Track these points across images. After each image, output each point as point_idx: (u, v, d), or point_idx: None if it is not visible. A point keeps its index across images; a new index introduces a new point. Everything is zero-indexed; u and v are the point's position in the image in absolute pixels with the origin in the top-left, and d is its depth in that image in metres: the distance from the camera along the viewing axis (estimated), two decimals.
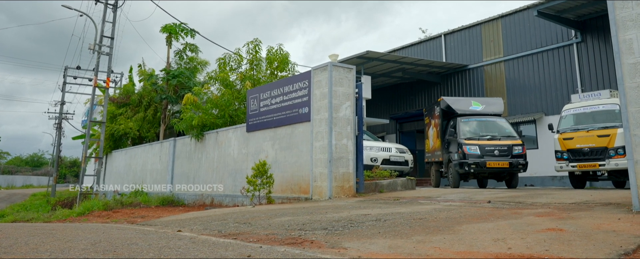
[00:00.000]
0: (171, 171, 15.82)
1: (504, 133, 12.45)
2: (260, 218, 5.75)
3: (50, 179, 37.56)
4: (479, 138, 12.10)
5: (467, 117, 12.93)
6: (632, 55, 4.64)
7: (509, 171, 11.94)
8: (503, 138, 12.16)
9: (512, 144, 11.93)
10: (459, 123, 12.62)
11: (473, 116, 13.05)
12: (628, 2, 4.73)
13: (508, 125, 12.97)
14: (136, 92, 23.45)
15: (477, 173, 12.20)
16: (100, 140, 17.91)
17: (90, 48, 17.85)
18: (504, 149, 11.84)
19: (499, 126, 12.78)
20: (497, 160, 11.67)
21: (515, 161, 11.70)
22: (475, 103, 13.46)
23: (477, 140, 12.04)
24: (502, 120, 13.14)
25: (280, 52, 15.63)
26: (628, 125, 4.59)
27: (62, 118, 37.09)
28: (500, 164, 11.66)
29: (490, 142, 11.98)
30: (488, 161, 11.59)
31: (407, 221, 4.54)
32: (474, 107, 13.29)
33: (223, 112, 14.49)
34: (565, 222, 3.90)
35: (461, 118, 12.80)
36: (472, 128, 12.59)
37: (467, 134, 12.35)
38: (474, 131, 12.49)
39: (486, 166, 11.59)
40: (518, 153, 11.87)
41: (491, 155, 11.74)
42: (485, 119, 12.98)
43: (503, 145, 11.90)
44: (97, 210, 11.53)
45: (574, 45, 17.54)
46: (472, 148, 11.81)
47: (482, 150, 11.79)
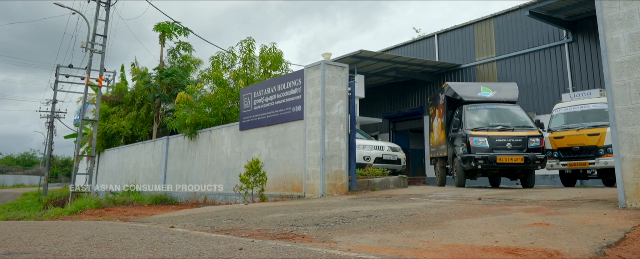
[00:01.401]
0: (164, 170, 15.81)
1: (518, 123, 10.84)
2: (253, 215, 5.79)
3: (42, 178, 37.36)
4: (488, 129, 10.52)
5: (475, 105, 11.40)
6: (619, 54, 4.72)
7: (524, 167, 10.28)
8: (517, 129, 10.52)
9: (528, 135, 10.25)
10: (464, 111, 11.14)
11: (482, 103, 11.48)
12: (615, 2, 4.81)
13: (523, 113, 11.23)
14: (129, 91, 23.38)
15: (485, 170, 10.80)
16: (92, 138, 17.85)
17: (83, 47, 17.79)
18: (518, 141, 10.18)
19: (513, 114, 11.15)
20: (510, 154, 10.07)
21: (531, 156, 10.01)
22: (485, 89, 11.91)
23: (485, 131, 10.46)
24: (516, 107, 11.42)
25: (274, 51, 15.67)
26: (614, 123, 4.68)
27: (54, 117, 36.90)
28: (514, 159, 10.03)
29: (502, 133, 10.35)
30: (498, 156, 10.00)
31: (397, 217, 4.60)
32: (484, 94, 11.76)
33: (216, 111, 14.50)
34: (553, 217, 3.98)
35: (468, 106, 11.31)
36: (481, 117, 11.09)
37: (474, 124, 10.81)
38: (483, 121, 10.96)
39: (496, 162, 10.00)
40: (535, 146, 10.20)
41: (502, 149, 10.15)
42: (496, 107, 11.33)
43: (517, 137, 10.22)
44: (90, 209, 11.52)
45: (565, 45, 17.70)
46: (480, 141, 10.23)
47: (492, 142, 10.19)
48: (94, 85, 18.38)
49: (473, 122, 10.87)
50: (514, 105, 11.46)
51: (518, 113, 11.20)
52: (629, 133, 4.56)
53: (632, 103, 4.57)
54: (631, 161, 4.51)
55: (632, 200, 4.48)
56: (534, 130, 10.49)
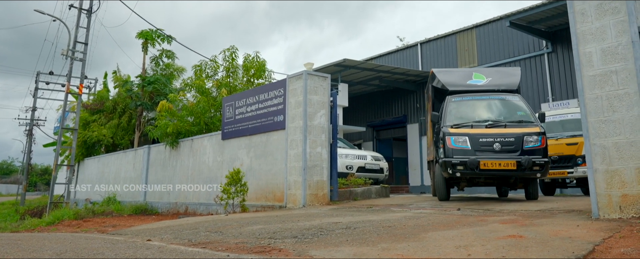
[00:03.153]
0: (145, 179, 15.63)
1: (513, 117, 8.37)
2: (232, 227, 5.74)
3: (20, 187, 36.65)
4: (472, 126, 8.12)
5: (461, 95, 9.10)
6: (592, 67, 4.82)
7: (518, 175, 7.83)
8: (511, 125, 8.03)
9: (523, 133, 7.73)
10: (446, 104, 8.94)
11: (471, 93, 9.18)
12: (588, 16, 4.92)
13: (523, 104, 8.70)
14: (110, 99, 23.13)
15: (468, 179, 8.58)
16: (72, 147, 17.58)
17: (63, 54, 17.57)
18: (510, 141, 7.68)
19: (508, 106, 8.71)
20: (498, 158, 7.59)
21: (526, 160, 7.41)
22: (477, 76, 9.66)
23: (468, 129, 8.07)
24: (514, 97, 8.89)
25: (257, 60, 15.66)
26: (588, 135, 4.76)
27: (33, 124, 36.31)
28: (503, 164, 7.52)
29: (489, 131, 7.92)
30: (482, 161, 7.53)
31: (376, 229, 4.60)
32: (475, 81, 9.52)
33: (198, 120, 14.42)
34: (527, 229, 4.02)
35: (452, 97, 9.04)
36: (465, 110, 8.75)
37: (454, 119, 8.47)
38: (467, 115, 8.60)
39: (479, 168, 7.53)
40: (533, 147, 7.66)
41: (488, 151, 7.69)
42: (487, 97, 8.95)
43: (508, 135, 7.74)
44: (68, 219, 11.30)
45: (544, 55, 18.02)
46: (459, 141, 7.88)
47: (474, 142, 7.78)
48: (74, 92, 18.14)
49: (454, 116, 8.56)
50: (512, 95, 8.95)
51: (516, 104, 8.72)
52: (602, 145, 4.64)
53: (605, 116, 4.66)
54: (604, 172, 4.60)
55: (604, 211, 4.56)
56: (533, 126, 7.95)
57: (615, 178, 4.54)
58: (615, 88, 4.64)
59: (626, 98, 4.56)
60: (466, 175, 7.96)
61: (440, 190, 8.75)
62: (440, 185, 8.72)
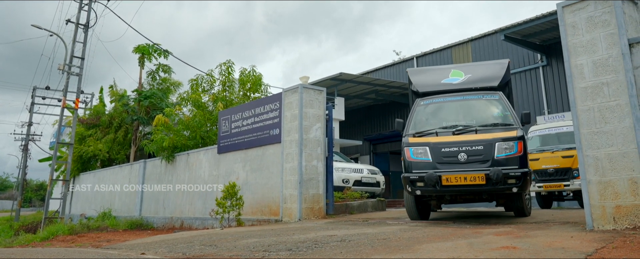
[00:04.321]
0: (141, 194, 15.55)
1: (487, 120, 7.13)
2: (227, 240, 5.71)
3: (15, 203, 36.38)
4: (437, 133, 6.93)
5: (431, 97, 7.78)
6: (583, 79, 4.87)
7: (488, 190, 6.44)
8: (483, 129, 6.77)
9: (495, 139, 6.47)
10: (413, 108, 7.73)
11: (444, 94, 7.80)
12: (579, 29, 4.98)
13: (502, 103, 7.26)
14: (107, 113, 23.10)
15: (431, 197, 7.28)
16: (67, 162, 17.51)
17: (60, 69, 17.60)
18: (478, 149, 6.44)
19: (484, 107, 7.39)
20: (463, 170, 6.35)
21: (495, 173, 6.10)
22: (455, 73, 8.22)
23: (432, 136, 6.90)
24: (493, 95, 7.43)
25: (253, 74, 15.71)
26: (581, 147, 4.79)
27: (29, 139, 36.18)
28: (469, 178, 6.26)
29: (453, 139, 6.71)
30: (444, 175, 6.36)
31: (370, 242, 4.59)
32: (450, 80, 8.09)
33: (194, 134, 14.41)
34: (521, 240, 4.02)
35: (421, 100, 7.77)
36: (432, 114, 7.55)
37: (418, 126, 7.30)
38: (434, 120, 7.41)
39: (441, 184, 6.38)
40: (506, 155, 6.36)
41: (452, 163, 6.49)
42: (461, 98, 7.57)
43: (476, 142, 6.50)
44: (62, 234, 11.22)
45: (540, 68, 18.17)
46: (418, 152, 6.77)
47: (436, 153, 6.63)
48: (70, 107, 18.13)
49: (418, 123, 7.39)
50: (492, 93, 7.49)
51: (493, 103, 7.35)
52: (594, 156, 4.67)
53: (597, 127, 4.69)
54: (597, 184, 4.61)
55: (598, 222, 4.56)
56: (509, 130, 6.67)
57: (608, 190, 4.55)
58: (607, 100, 4.68)
59: (618, 110, 4.60)
60: (427, 193, 6.77)
61: (409, 209, 7.51)
62: (410, 203, 7.45)
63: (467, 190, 6.49)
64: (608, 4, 4.79)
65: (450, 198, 7.32)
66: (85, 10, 18.25)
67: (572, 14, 5.06)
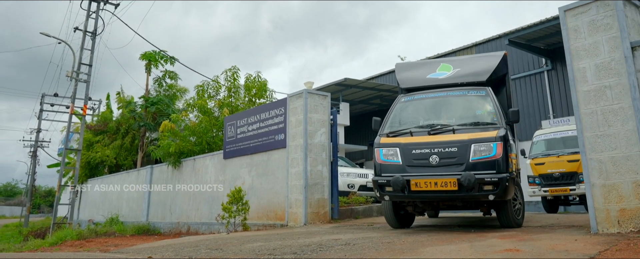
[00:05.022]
0: (147, 200, 15.64)
1: (468, 118, 6.49)
2: (233, 244, 5.76)
3: (24, 209, 36.64)
4: (411, 132, 6.36)
5: (413, 94, 7.20)
6: (586, 83, 4.89)
7: (462, 197, 5.82)
8: (462, 129, 6.18)
9: (470, 140, 5.86)
10: (393, 105, 7.20)
11: (427, 90, 7.19)
12: (581, 33, 5.01)
13: (488, 100, 6.56)
14: (114, 119, 23.30)
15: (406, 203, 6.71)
16: (75, 168, 17.65)
17: (68, 76, 17.77)
18: (451, 151, 5.87)
19: (467, 103, 6.76)
20: (434, 175, 5.84)
21: (467, 178, 5.51)
22: (444, 67, 7.55)
23: (405, 136, 6.35)
24: (479, 91, 6.74)
25: (259, 80, 15.81)
26: (584, 150, 4.81)
27: (37, 146, 36.47)
28: (440, 184, 5.72)
29: (426, 139, 6.15)
30: (414, 179, 5.87)
31: (375, 245, 4.62)
32: (437, 74, 7.45)
33: (200, 139, 14.50)
34: (525, 243, 4.04)
35: (402, 97, 7.24)
36: (411, 112, 6.99)
37: (394, 125, 6.81)
38: (412, 118, 6.87)
39: (411, 190, 5.90)
40: (482, 158, 5.73)
41: (423, 166, 5.97)
42: (444, 94, 6.96)
43: (450, 144, 5.93)
44: (71, 240, 11.31)
45: (544, 72, 18.14)
46: (388, 154, 6.28)
47: (406, 155, 6.10)
48: (78, 114, 18.29)
49: (395, 121, 6.88)
50: (479, 88, 6.80)
51: (478, 100, 6.70)
52: (598, 159, 4.68)
53: (600, 130, 4.71)
54: (601, 187, 4.62)
55: (603, 226, 4.57)
56: (490, 130, 5.99)
57: (612, 193, 4.56)
58: (610, 103, 4.69)
59: (621, 113, 4.61)
60: (396, 199, 6.32)
61: (387, 216, 6.91)
62: (387, 210, 6.83)
63: (439, 197, 5.93)
64: (610, 8, 4.82)
65: (422, 204, 6.63)
66: (93, 18, 18.45)
67: (574, 17, 5.10)
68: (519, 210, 6.34)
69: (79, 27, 18.63)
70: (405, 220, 7.04)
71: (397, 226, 6.84)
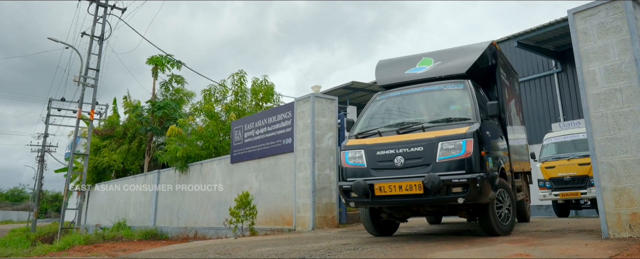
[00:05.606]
0: (155, 204, 15.68)
1: (441, 115, 5.96)
2: (241, 249, 5.75)
3: (31, 214, 36.84)
4: (379, 132, 5.89)
5: (389, 92, 6.71)
6: (596, 86, 4.84)
7: (429, 201, 5.29)
8: (432, 126, 5.61)
9: (438, 138, 5.31)
10: (367, 104, 6.72)
11: (403, 87, 6.67)
12: (590, 36, 4.97)
13: (466, 93, 5.94)
14: (121, 124, 23.43)
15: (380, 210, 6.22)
16: (83, 173, 17.74)
17: (75, 81, 17.87)
18: (417, 151, 5.35)
19: (443, 99, 6.21)
20: (399, 177, 5.34)
21: (431, 180, 5.00)
22: (425, 61, 6.93)
23: (374, 137, 5.89)
24: (457, 85, 6.15)
25: (265, 83, 15.83)
26: (594, 154, 4.75)
27: (44, 151, 36.69)
28: (405, 187, 5.22)
29: (391, 139, 5.65)
30: (378, 183, 5.41)
31: (383, 250, 4.59)
32: (416, 70, 6.89)
33: (207, 144, 14.53)
34: (535, 248, 4.00)
35: (377, 95, 6.78)
36: (385, 111, 6.50)
37: (364, 125, 6.29)
38: (384, 117, 6.38)
39: (375, 195, 5.43)
40: (450, 157, 5.19)
41: (388, 168, 5.48)
42: (420, 89, 6.41)
43: (416, 143, 5.40)
44: (78, 245, 11.36)
45: (554, 74, 18.01)
46: (354, 157, 5.82)
47: (371, 157, 5.65)
48: (85, 118, 18.40)
49: (366, 121, 6.40)
50: (457, 82, 6.22)
51: (454, 95, 6.11)
52: (609, 163, 4.63)
53: (611, 134, 4.66)
54: (612, 191, 4.57)
55: (614, 230, 4.52)
56: (461, 126, 5.40)
57: (623, 197, 4.51)
58: (620, 106, 4.65)
59: (631, 116, 4.56)
60: (362, 205, 5.87)
61: (365, 223, 6.43)
62: (364, 216, 6.37)
63: (404, 201, 5.39)
64: (619, 10, 4.78)
65: (389, 210, 6.10)
66: (100, 23, 18.57)
67: (583, 20, 5.06)
68: (507, 216, 5.64)
69: (87, 32, 18.74)
70: (386, 228, 6.50)
71: (376, 234, 6.40)
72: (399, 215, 6.14)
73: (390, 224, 6.57)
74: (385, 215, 6.19)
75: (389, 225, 6.55)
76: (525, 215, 8.30)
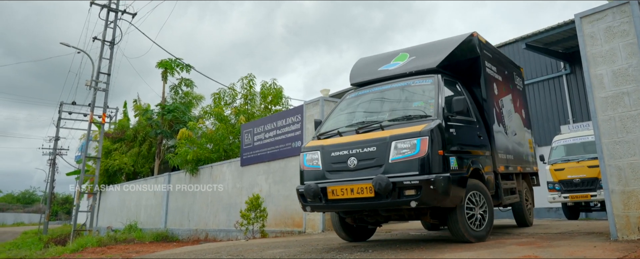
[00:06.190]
0: (165, 207, 15.84)
1: (400, 113, 5.50)
2: (253, 251, 5.85)
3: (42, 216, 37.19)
4: (339, 132, 5.57)
5: (358, 90, 6.39)
6: (603, 89, 4.89)
7: (381, 206, 4.88)
8: (390, 125, 5.21)
9: (392, 137, 4.94)
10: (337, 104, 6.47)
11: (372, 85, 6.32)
12: (598, 39, 5.02)
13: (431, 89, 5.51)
14: (131, 127, 23.67)
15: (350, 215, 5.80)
16: (95, 175, 17.95)
17: (87, 85, 18.12)
18: (369, 151, 5.02)
19: (408, 95, 5.82)
20: (350, 180, 5.03)
21: (379, 182, 4.66)
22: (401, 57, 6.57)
23: (334, 138, 5.56)
24: (425, 80, 5.74)
25: (274, 87, 15.97)
26: (603, 156, 4.80)
27: (56, 154, 37.06)
28: (356, 190, 4.91)
29: (346, 140, 5.34)
30: (330, 186, 5.12)
31: (394, 251, 4.67)
32: (389, 66, 6.53)
33: (217, 147, 14.67)
34: (544, 250, 4.06)
35: (348, 94, 6.50)
36: (350, 110, 6.18)
37: (327, 125, 6.00)
38: (349, 116, 6.05)
39: (328, 199, 5.16)
40: (403, 158, 4.82)
41: (342, 170, 5.17)
42: (387, 87, 6.06)
43: (369, 143, 5.06)
44: (91, 247, 11.52)
45: (563, 76, 17.94)
46: (312, 158, 5.57)
47: (326, 159, 5.37)
48: (97, 122, 18.63)
49: (331, 121, 6.08)
50: (425, 77, 5.80)
51: (419, 91, 5.72)
52: (617, 166, 4.67)
53: (618, 136, 4.71)
54: (620, 193, 4.61)
55: (623, 232, 4.56)
56: (417, 124, 5.00)
57: (632, 199, 4.55)
58: (628, 110, 4.69)
59: (639, 119, 4.61)
60: (317, 210, 5.58)
61: (335, 228, 6.13)
62: (334, 220, 6.07)
63: (357, 205, 5.03)
64: (626, 14, 4.82)
65: (345, 215, 5.80)
66: (111, 28, 18.80)
67: (590, 24, 5.11)
68: (481, 220, 5.14)
69: (98, 37, 18.99)
70: (359, 233, 6.21)
71: (347, 239, 6.16)
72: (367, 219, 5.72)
73: (363, 229, 6.25)
74: (350, 220, 5.86)
75: (362, 230, 6.24)
76: (525, 219, 7.51)
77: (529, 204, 7.75)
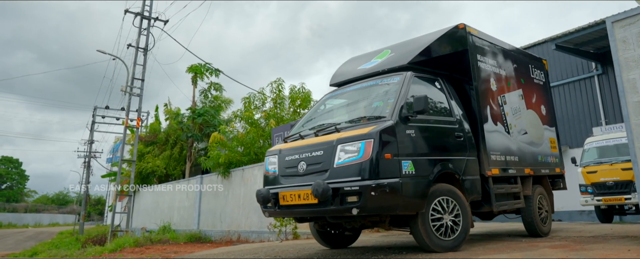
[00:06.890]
0: (198, 208, 16.24)
1: (358, 114, 5.37)
2: (289, 252, 6.06)
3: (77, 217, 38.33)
4: (301, 135, 5.45)
5: (336, 90, 6.28)
6: (637, 93, 4.92)
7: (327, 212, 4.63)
8: (346, 127, 4.98)
9: (338, 140, 4.74)
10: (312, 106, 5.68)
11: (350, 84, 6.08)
12: (630, 44, 5.05)
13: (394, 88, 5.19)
14: (163, 131, 24.25)
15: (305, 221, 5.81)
16: (130, 178, 18.51)
17: (122, 90, 18.68)
18: (317, 156, 4.87)
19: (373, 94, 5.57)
20: (298, 186, 4.92)
21: (318, 188, 4.45)
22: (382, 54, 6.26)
23: (294, 141, 5.46)
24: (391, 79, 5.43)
25: (303, 90, 16.19)
26: (636, 160, 4.83)
27: (90, 156, 38.18)
28: (302, 196, 4.77)
29: (298, 144, 5.25)
30: (282, 191, 5.03)
31: (428, 255, 4.79)
32: (369, 64, 6.24)
33: (248, 150, 14.97)
34: (577, 253, 4.13)
35: (327, 95, 6.33)
36: (320, 113, 6.07)
37: (296, 127, 5.98)
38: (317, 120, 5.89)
39: (280, 205, 5.06)
40: (347, 161, 4.60)
41: (293, 175, 5.08)
42: (358, 87, 5.86)
43: (317, 147, 4.92)
44: (129, 247, 11.92)
45: (595, 77, 17.62)
46: (271, 163, 5.47)
47: (281, 163, 5.29)
48: (131, 126, 19.19)
49: (300, 124, 6.00)
50: (394, 75, 5.48)
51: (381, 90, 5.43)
52: None
53: None
54: None
55: None
56: (368, 126, 4.72)
57: None
58: None
59: None
60: (273, 216, 5.46)
61: (311, 231, 6.09)
62: (310, 226, 6.02)
63: (305, 212, 4.87)
64: None
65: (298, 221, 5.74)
66: (144, 35, 19.35)
67: (622, 29, 5.14)
68: (451, 229, 4.77)
69: (132, 44, 19.58)
70: (337, 239, 6.07)
71: (325, 246, 6.05)
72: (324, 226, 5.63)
73: (340, 236, 6.08)
74: (317, 226, 5.78)
75: (340, 237, 6.08)
76: (535, 228, 6.36)
77: (543, 211, 6.64)
